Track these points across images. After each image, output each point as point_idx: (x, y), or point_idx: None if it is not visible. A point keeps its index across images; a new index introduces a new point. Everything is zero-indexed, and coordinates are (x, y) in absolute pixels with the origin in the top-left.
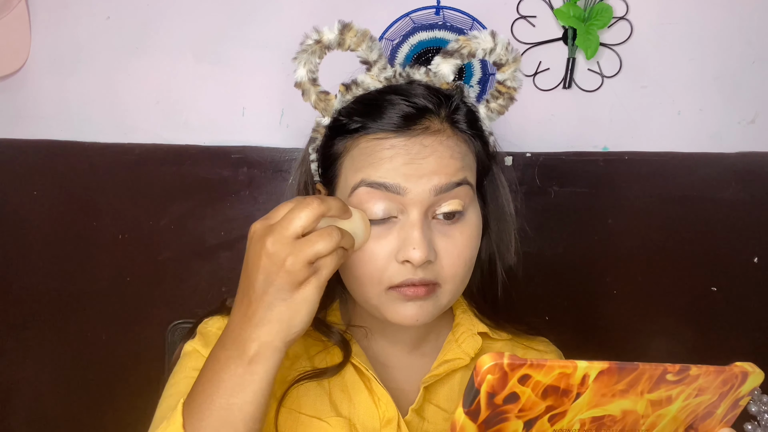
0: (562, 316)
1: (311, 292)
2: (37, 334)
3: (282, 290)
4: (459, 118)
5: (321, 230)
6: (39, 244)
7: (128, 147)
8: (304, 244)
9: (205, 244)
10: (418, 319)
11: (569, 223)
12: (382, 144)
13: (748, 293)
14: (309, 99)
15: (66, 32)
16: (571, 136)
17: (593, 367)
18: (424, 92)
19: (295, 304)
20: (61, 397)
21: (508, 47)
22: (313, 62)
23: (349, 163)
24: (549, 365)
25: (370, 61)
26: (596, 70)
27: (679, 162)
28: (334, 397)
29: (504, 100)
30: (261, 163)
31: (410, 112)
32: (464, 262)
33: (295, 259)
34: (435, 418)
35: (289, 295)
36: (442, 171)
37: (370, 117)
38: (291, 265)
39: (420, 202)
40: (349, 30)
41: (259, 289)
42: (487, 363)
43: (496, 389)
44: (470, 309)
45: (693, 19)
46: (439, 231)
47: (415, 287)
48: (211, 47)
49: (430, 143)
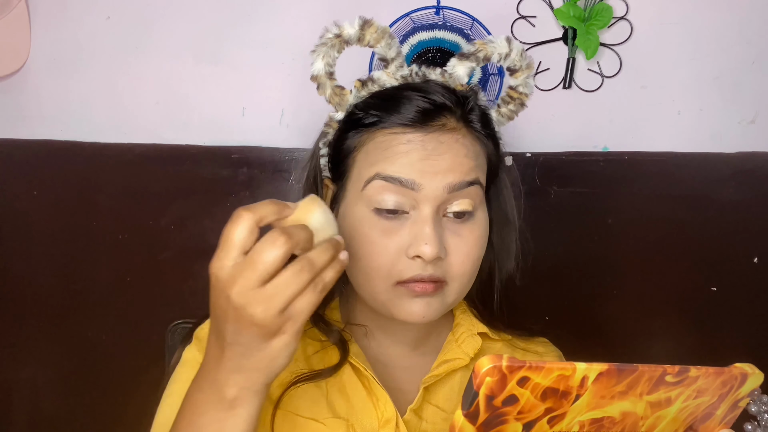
0: (562, 316)
1: (288, 340)
2: (37, 334)
3: (254, 342)
4: (474, 118)
5: (291, 270)
6: (39, 244)
7: (128, 147)
8: (273, 294)
9: (205, 244)
10: (425, 316)
11: (569, 223)
12: (398, 138)
13: (748, 293)
14: (324, 93)
15: (66, 32)
16: (571, 136)
17: (592, 369)
18: (441, 90)
19: (271, 351)
20: (61, 397)
21: (522, 54)
22: (331, 56)
23: (363, 157)
24: (548, 367)
25: (388, 58)
26: (596, 70)
27: (679, 162)
28: (332, 398)
29: (515, 106)
30: (261, 163)
31: (428, 108)
32: (472, 261)
33: (266, 312)
34: (434, 418)
35: (264, 346)
36: (457, 169)
37: (387, 111)
38: (262, 319)
39: (433, 198)
40: (369, 26)
41: (229, 338)
42: (486, 365)
43: (494, 391)
44: (470, 309)
45: (693, 19)
46: (449, 229)
47: (423, 284)
48: (211, 47)
49: (447, 140)
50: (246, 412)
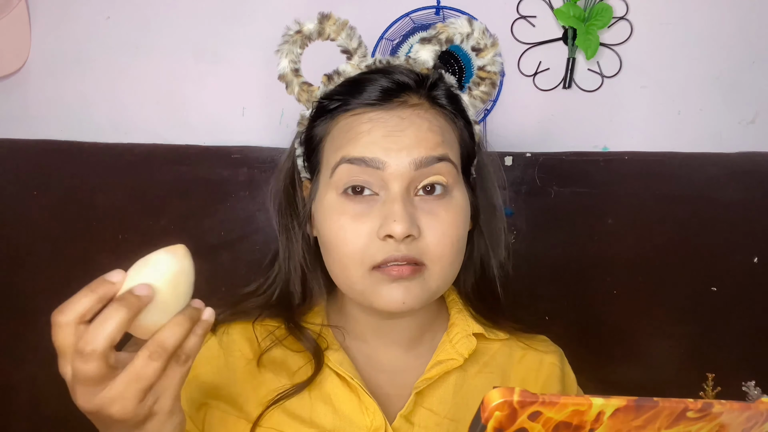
0: (562, 316)
1: (164, 419)
2: (37, 334)
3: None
4: (438, 95)
5: (141, 358)
6: (39, 244)
7: (128, 147)
8: (124, 389)
9: (205, 244)
10: (404, 301)
11: (569, 223)
12: (360, 119)
13: (748, 293)
14: (292, 91)
15: (66, 32)
16: (571, 136)
17: (609, 405)
18: (404, 71)
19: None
20: (61, 397)
21: (485, 32)
22: (294, 52)
23: (330, 144)
24: (562, 402)
25: (350, 49)
26: (596, 70)
27: (679, 162)
28: (317, 410)
29: (486, 86)
30: (261, 163)
31: (389, 87)
32: (451, 241)
33: (123, 409)
34: (426, 423)
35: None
36: (422, 144)
37: (350, 94)
38: (122, 416)
39: (400, 176)
40: (328, 19)
41: (101, 427)
42: (496, 399)
43: (504, 425)
44: (466, 309)
45: (693, 19)
46: (422, 208)
47: (399, 267)
48: (211, 47)
49: (408, 116)
50: None
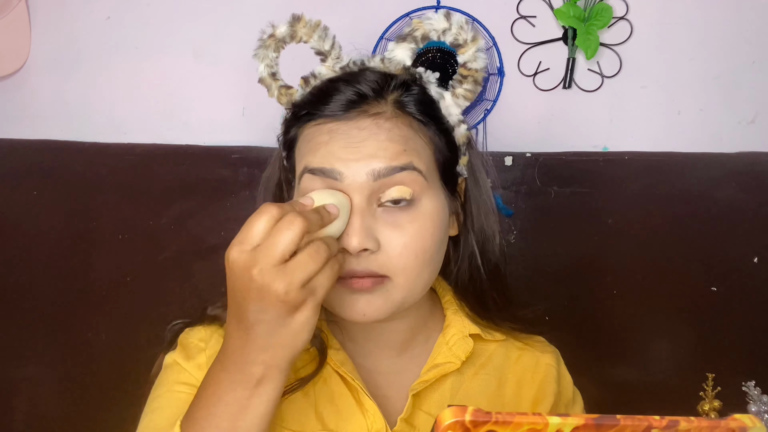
0: (562, 316)
1: (309, 314)
2: (37, 334)
3: (279, 317)
4: (407, 101)
5: (309, 249)
6: (39, 244)
7: (128, 147)
8: (294, 269)
9: (205, 244)
10: (365, 314)
11: (569, 223)
12: (320, 129)
13: (748, 293)
14: (272, 94)
15: (66, 32)
16: (571, 136)
17: (567, 424)
18: (371, 78)
19: (295, 326)
20: (61, 397)
21: (464, 26)
22: (270, 57)
23: (297, 152)
24: (517, 421)
25: (323, 51)
26: (596, 70)
27: (679, 162)
28: (321, 409)
29: (470, 84)
30: (261, 163)
31: (351, 98)
32: (414, 253)
33: (288, 287)
34: (426, 426)
35: (288, 321)
36: (380, 154)
37: (316, 105)
38: (285, 294)
39: (359, 187)
40: (299, 21)
41: (252, 318)
42: (448, 419)
43: None
44: (461, 309)
45: (693, 19)
46: (386, 220)
47: (360, 280)
48: (211, 47)
49: (367, 126)
50: (271, 390)
